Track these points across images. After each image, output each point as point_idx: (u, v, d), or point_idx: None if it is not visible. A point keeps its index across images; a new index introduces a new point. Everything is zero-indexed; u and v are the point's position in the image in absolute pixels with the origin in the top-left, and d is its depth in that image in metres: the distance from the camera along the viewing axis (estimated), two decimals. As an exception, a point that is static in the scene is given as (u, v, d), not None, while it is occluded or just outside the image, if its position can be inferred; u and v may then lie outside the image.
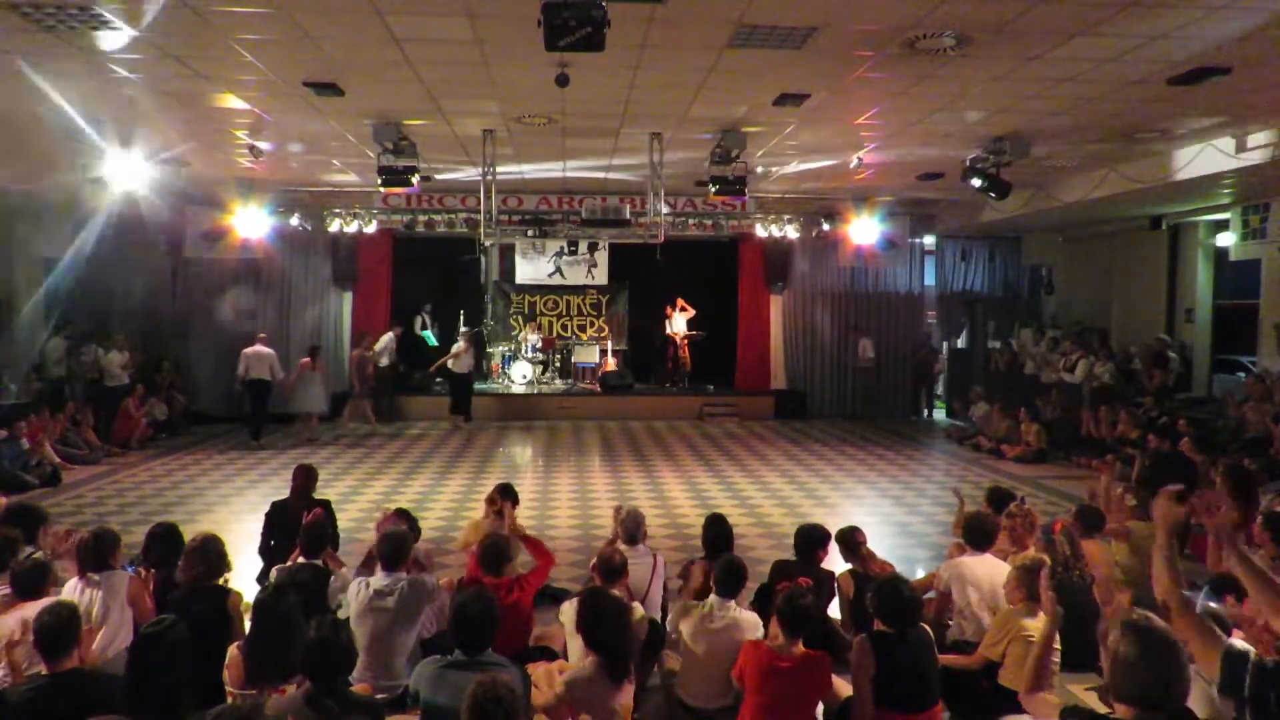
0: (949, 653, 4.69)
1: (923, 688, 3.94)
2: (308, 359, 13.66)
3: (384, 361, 14.98)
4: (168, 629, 3.30)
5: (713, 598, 4.44)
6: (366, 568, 4.88)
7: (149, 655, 3.22)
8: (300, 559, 5.10)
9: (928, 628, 4.16)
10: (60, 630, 3.54)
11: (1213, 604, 3.79)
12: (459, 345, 14.70)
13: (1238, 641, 2.90)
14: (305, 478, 6.54)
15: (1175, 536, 2.89)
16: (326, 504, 6.21)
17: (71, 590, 4.57)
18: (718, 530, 5.42)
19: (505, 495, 6.16)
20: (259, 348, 13.26)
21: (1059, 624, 3.59)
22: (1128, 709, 2.55)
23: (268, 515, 6.44)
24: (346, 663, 3.43)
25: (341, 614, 4.40)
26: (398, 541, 4.77)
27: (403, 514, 5.83)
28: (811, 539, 5.30)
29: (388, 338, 15.11)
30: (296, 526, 5.52)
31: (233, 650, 3.85)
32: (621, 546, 5.23)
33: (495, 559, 4.85)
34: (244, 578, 5.57)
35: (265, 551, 6.31)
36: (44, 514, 5.74)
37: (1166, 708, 2.52)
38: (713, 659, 4.28)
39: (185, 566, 4.57)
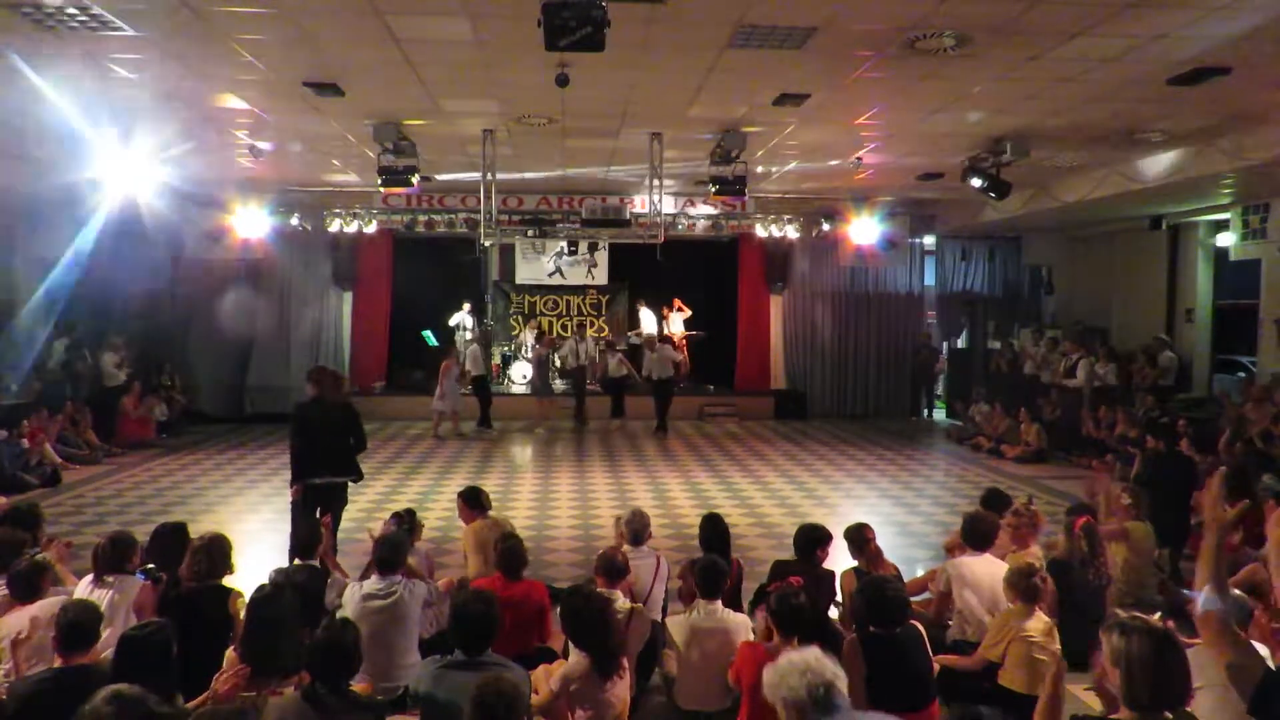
0: (949, 653, 4.69)
1: (916, 687, 3.93)
2: (449, 360, 13.93)
3: (571, 364, 15.03)
4: (152, 633, 3.32)
5: (699, 601, 4.44)
6: (369, 573, 4.88)
7: (131, 657, 3.24)
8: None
9: (919, 625, 4.15)
10: (84, 625, 3.59)
11: (1237, 591, 3.70)
12: (608, 353, 15.16)
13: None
14: (323, 379, 6.83)
15: (1220, 536, 2.71)
16: (350, 405, 6.92)
17: (84, 590, 4.59)
18: (714, 529, 5.42)
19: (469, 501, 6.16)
20: (476, 347, 14.44)
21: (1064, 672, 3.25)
22: (1131, 712, 2.54)
23: (293, 417, 6.95)
24: (352, 663, 3.44)
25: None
26: (393, 546, 4.78)
27: (405, 515, 5.81)
28: (811, 538, 5.29)
29: (571, 342, 15.12)
30: (318, 424, 6.57)
31: (230, 653, 3.85)
32: (625, 547, 5.25)
33: (514, 564, 4.86)
34: (246, 579, 5.56)
35: (294, 450, 6.73)
36: (40, 514, 5.74)
37: (1170, 708, 2.52)
38: (706, 662, 4.28)
39: (189, 565, 4.58)
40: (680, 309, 16.84)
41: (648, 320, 16.32)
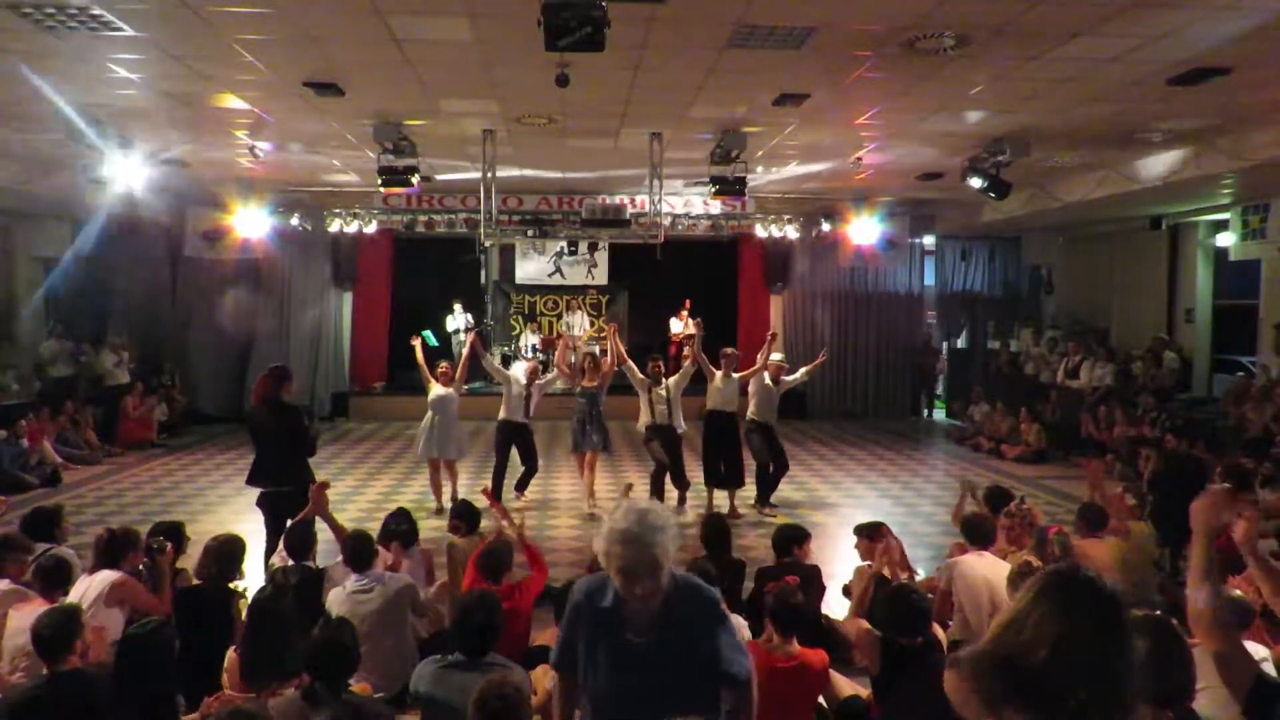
0: (949, 652, 4.69)
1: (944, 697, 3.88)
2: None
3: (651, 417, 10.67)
4: (153, 632, 3.31)
5: None
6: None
7: (133, 656, 3.23)
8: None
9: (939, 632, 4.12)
10: (56, 635, 3.54)
11: (1237, 592, 3.69)
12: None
13: (1271, 670, 2.86)
14: (267, 381, 6.42)
15: (1211, 541, 2.53)
16: (297, 410, 6.53)
17: (82, 585, 4.60)
18: (715, 529, 5.43)
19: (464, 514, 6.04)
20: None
21: None
22: None
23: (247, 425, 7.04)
24: (352, 663, 3.44)
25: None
26: (361, 543, 4.78)
27: (401, 514, 5.79)
28: (789, 538, 5.35)
29: (649, 389, 13.94)
30: (261, 427, 6.37)
31: (231, 653, 3.85)
32: None
33: (495, 568, 4.85)
34: (245, 579, 5.57)
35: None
36: (62, 515, 5.73)
37: (1172, 705, 2.52)
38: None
39: (201, 565, 4.59)
40: (683, 317, 16.73)
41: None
